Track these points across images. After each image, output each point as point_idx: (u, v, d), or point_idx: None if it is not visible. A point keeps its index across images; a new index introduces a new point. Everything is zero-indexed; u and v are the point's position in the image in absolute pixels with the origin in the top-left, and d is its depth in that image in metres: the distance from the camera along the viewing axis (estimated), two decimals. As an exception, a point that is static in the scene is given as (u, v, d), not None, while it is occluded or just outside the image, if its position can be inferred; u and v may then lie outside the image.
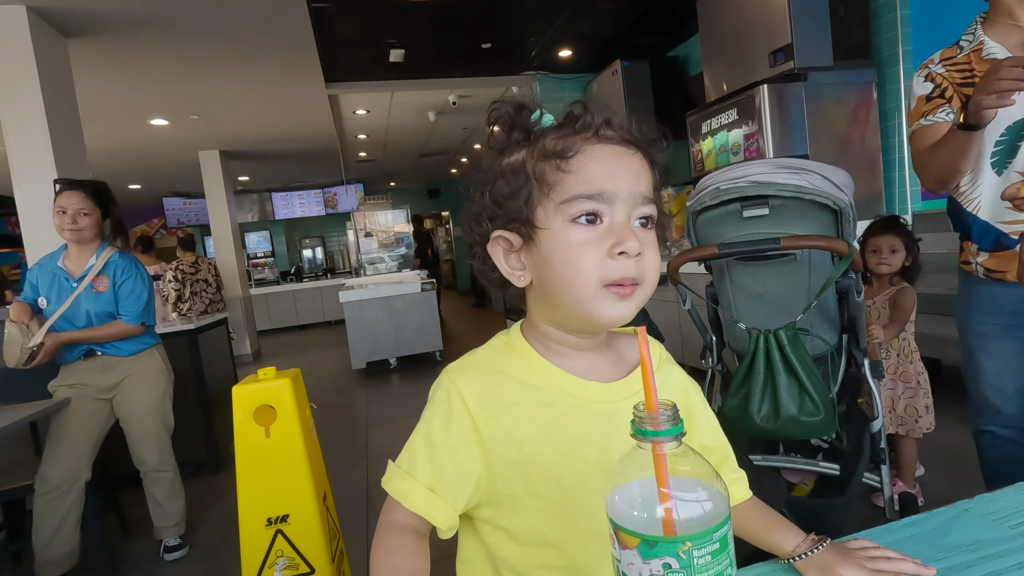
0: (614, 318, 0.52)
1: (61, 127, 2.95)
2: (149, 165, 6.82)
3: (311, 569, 1.20)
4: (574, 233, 0.51)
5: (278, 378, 1.23)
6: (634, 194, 0.51)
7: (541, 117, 0.56)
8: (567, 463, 0.54)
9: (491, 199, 0.55)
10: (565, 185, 0.51)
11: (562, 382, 0.56)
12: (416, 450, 0.56)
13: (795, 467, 1.72)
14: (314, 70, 4.24)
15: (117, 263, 2.04)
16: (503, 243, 0.56)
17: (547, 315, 0.56)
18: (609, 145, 0.53)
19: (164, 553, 2.15)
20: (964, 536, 0.57)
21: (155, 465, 2.12)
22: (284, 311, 9.07)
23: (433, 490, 0.54)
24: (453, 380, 0.56)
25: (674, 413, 0.37)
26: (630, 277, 0.50)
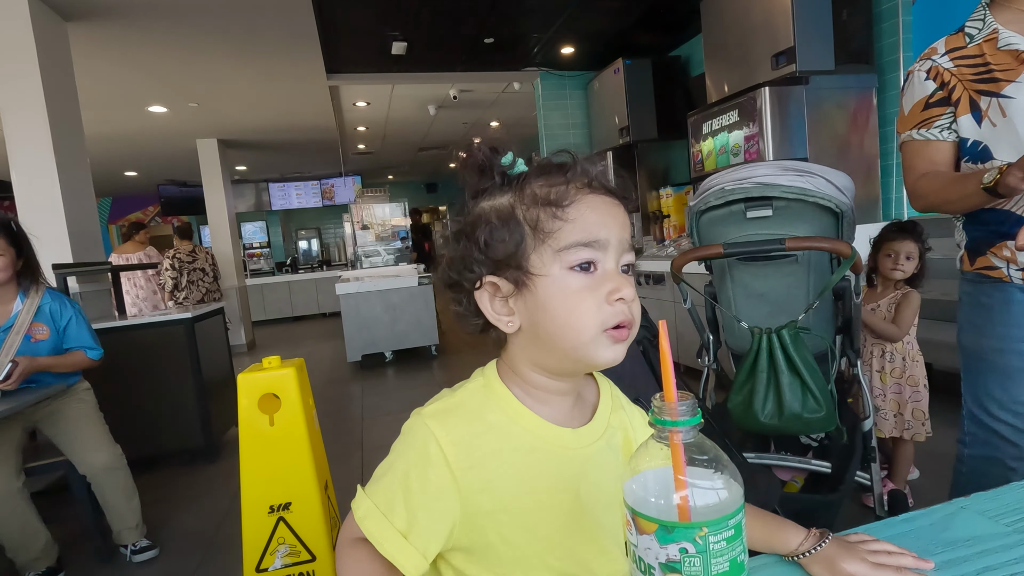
0: (610, 359, 0.54)
1: (60, 111, 2.93)
2: (146, 152, 6.78)
3: (312, 557, 1.20)
4: (573, 280, 0.52)
5: (283, 367, 1.24)
6: (622, 241, 0.54)
7: (514, 162, 0.57)
8: (543, 511, 0.56)
9: (480, 244, 0.55)
10: (563, 233, 0.52)
11: (540, 429, 0.57)
12: (392, 492, 0.55)
13: (787, 465, 1.74)
14: (315, 60, 4.23)
15: (51, 305, 1.96)
16: (490, 288, 0.56)
17: (534, 359, 0.57)
18: (601, 195, 0.55)
19: (132, 555, 2.02)
20: (961, 532, 0.58)
21: (107, 463, 1.98)
22: (279, 302, 9.04)
23: (406, 536, 0.53)
24: (431, 427, 0.55)
25: (692, 404, 0.38)
26: (628, 320, 0.53)
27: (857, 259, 1.40)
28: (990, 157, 1.11)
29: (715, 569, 0.36)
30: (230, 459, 2.96)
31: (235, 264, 6.58)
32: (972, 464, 1.23)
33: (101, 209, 9.90)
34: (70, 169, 2.98)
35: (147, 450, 2.87)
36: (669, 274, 3.54)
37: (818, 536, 0.56)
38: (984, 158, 1.12)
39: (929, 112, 1.17)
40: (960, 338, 1.25)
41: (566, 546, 0.57)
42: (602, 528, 0.58)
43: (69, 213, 2.92)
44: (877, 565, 0.53)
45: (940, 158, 1.18)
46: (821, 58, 2.93)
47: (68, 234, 2.90)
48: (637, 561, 0.38)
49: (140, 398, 2.82)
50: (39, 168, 2.86)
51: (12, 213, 2.17)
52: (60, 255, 2.86)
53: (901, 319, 1.84)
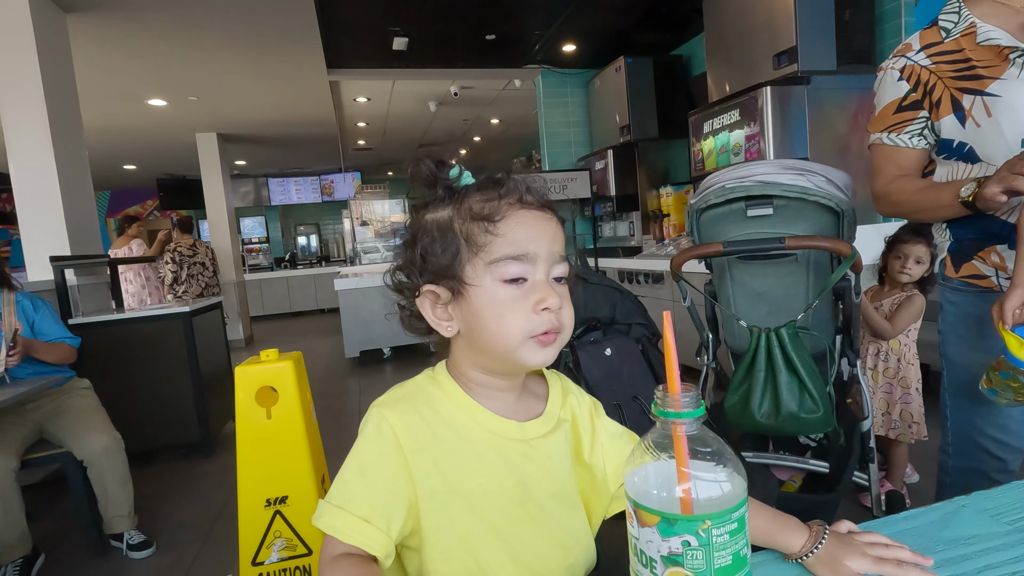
0: (539, 362, 0.58)
1: (59, 103, 2.92)
2: (145, 145, 6.76)
3: (308, 551, 1.20)
4: (502, 291, 0.56)
5: (281, 360, 1.23)
6: (552, 254, 0.58)
7: (460, 174, 0.60)
8: (488, 494, 0.59)
9: (419, 255, 0.59)
10: (494, 247, 0.56)
11: (483, 418, 0.61)
12: (347, 483, 0.58)
13: (785, 464, 1.75)
14: (316, 55, 4.21)
15: (23, 303, 2.08)
16: (431, 296, 0.60)
17: (473, 361, 0.61)
18: (531, 210, 0.58)
19: (129, 551, 1.99)
20: (962, 530, 0.58)
21: (107, 445, 1.97)
22: (277, 297, 9.03)
23: (368, 520, 0.56)
24: (383, 413, 0.59)
25: (695, 396, 0.38)
26: (553, 327, 0.57)
27: (857, 259, 1.39)
28: (977, 159, 1.05)
29: (718, 562, 0.36)
30: (226, 454, 2.96)
31: (234, 259, 6.56)
32: (956, 475, 1.21)
33: (100, 203, 9.87)
34: (69, 161, 2.96)
35: (143, 443, 2.86)
36: (668, 273, 3.54)
37: (816, 533, 0.56)
38: (971, 159, 1.06)
39: (902, 115, 1.12)
40: (945, 349, 1.20)
41: (512, 531, 0.60)
42: (549, 516, 0.61)
43: (67, 206, 2.91)
44: (878, 559, 0.53)
45: (909, 164, 1.14)
46: (823, 58, 2.92)
47: (66, 227, 2.89)
48: (639, 554, 0.38)
49: (137, 391, 2.81)
50: (37, 160, 2.84)
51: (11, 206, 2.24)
52: (58, 248, 2.85)
53: (898, 319, 1.84)
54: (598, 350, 1.80)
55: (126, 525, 2.01)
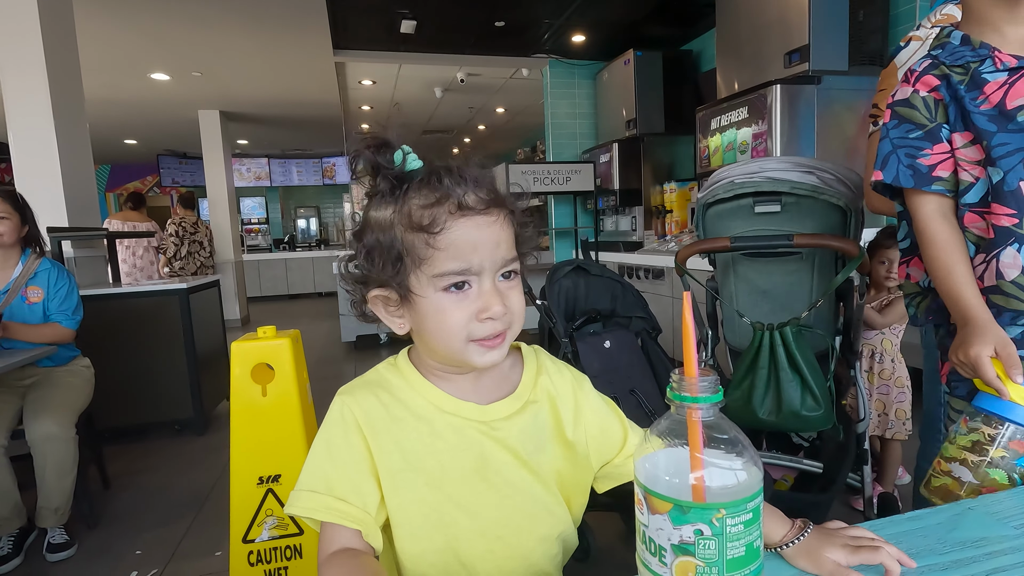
0: (486, 363, 0.58)
1: (60, 72, 2.88)
2: (147, 120, 6.70)
3: (300, 530, 1.19)
4: (444, 300, 0.56)
5: (278, 337, 1.22)
6: (496, 261, 0.57)
7: (405, 159, 0.56)
8: (448, 470, 0.60)
9: (366, 258, 0.58)
10: (435, 260, 0.55)
11: (440, 400, 0.61)
12: (318, 467, 0.59)
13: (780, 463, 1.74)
14: (323, 35, 4.16)
15: (50, 271, 2.03)
16: (381, 299, 0.60)
17: (428, 352, 0.62)
18: (472, 218, 0.56)
19: (47, 552, 1.82)
20: (970, 533, 0.57)
21: (50, 432, 1.82)
22: (275, 279, 9.00)
23: (344, 499, 0.57)
24: (345, 400, 0.61)
25: (713, 382, 0.36)
26: (497, 332, 0.57)
27: (864, 259, 1.38)
28: None
29: (730, 553, 0.34)
30: (219, 432, 2.95)
31: (232, 238, 6.53)
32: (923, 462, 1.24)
33: (100, 176, 9.79)
34: (69, 132, 2.93)
35: (137, 418, 2.86)
36: (669, 269, 3.53)
37: (799, 527, 0.55)
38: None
39: None
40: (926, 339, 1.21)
41: (477, 506, 0.60)
42: (515, 487, 0.61)
43: (66, 177, 2.88)
44: (857, 548, 0.52)
45: None
46: (835, 58, 2.90)
47: (65, 198, 2.86)
48: (647, 542, 0.37)
49: (131, 366, 2.80)
50: (38, 130, 2.81)
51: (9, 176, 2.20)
52: (56, 219, 2.82)
53: (891, 311, 1.86)
54: (597, 342, 1.79)
55: (51, 520, 1.85)
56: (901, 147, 0.95)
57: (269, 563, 1.19)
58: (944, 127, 0.92)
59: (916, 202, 0.95)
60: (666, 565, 0.35)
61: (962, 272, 0.95)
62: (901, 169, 0.94)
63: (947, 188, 0.93)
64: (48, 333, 1.99)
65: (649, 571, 0.37)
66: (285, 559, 1.19)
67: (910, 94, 0.94)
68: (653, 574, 0.36)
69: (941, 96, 0.92)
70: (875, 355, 1.92)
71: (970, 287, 0.95)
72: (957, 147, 0.91)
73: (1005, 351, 0.89)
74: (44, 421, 1.83)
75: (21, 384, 1.98)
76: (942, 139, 0.92)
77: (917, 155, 0.93)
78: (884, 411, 1.90)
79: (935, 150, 0.92)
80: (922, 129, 0.93)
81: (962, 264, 0.95)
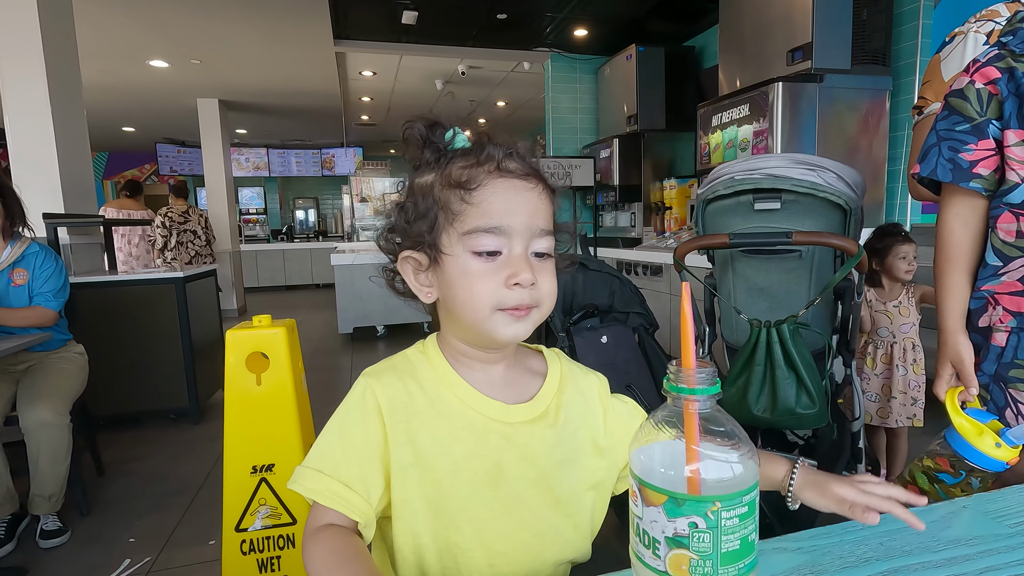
0: (509, 336, 0.56)
1: (57, 58, 2.85)
2: (145, 108, 6.66)
3: (293, 520, 1.19)
4: (474, 263, 0.54)
5: (273, 326, 1.21)
6: (531, 227, 0.55)
7: (454, 137, 0.58)
8: (460, 473, 0.57)
9: (402, 219, 0.58)
10: (467, 216, 0.54)
11: (466, 395, 0.59)
12: (328, 447, 0.57)
13: (775, 462, 1.74)
14: (323, 25, 4.13)
15: (37, 254, 2.01)
16: (412, 262, 0.59)
17: (453, 330, 0.60)
18: (510, 179, 0.56)
19: (40, 539, 1.83)
20: (964, 531, 0.57)
21: (45, 419, 1.81)
22: (273, 270, 8.98)
23: (348, 485, 0.55)
24: (369, 382, 0.59)
25: (711, 373, 0.36)
26: (524, 304, 0.55)
27: (863, 258, 1.38)
28: None
29: (725, 547, 0.34)
30: (214, 422, 2.94)
31: (230, 228, 6.50)
32: None
33: (97, 164, 9.74)
34: (66, 118, 2.90)
35: (132, 406, 2.85)
36: (667, 265, 3.52)
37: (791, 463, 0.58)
38: None
39: None
40: None
41: (482, 515, 0.58)
42: (525, 504, 0.59)
43: (63, 163, 2.86)
44: (865, 491, 0.53)
45: None
46: (837, 56, 2.89)
47: (61, 185, 2.84)
48: (641, 535, 0.36)
49: (127, 354, 2.79)
50: (34, 116, 2.78)
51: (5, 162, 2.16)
52: (52, 205, 2.80)
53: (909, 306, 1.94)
54: (594, 337, 1.79)
55: (44, 508, 1.85)
56: (946, 140, 0.93)
57: (262, 552, 1.18)
58: (993, 123, 0.89)
59: (948, 199, 0.95)
60: (660, 558, 0.35)
61: (955, 282, 0.96)
62: (941, 162, 0.92)
63: (985, 187, 0.91)
64: (30, 316, 1.96)
65: (643, 564, 0.36)
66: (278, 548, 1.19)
67: (965, 84, 0.91)
68: (647, 567, 0.36)
69: (998, 90, 0.88)
70: (876, 341, 1.96)
71: (954, 297, 0.96)
72: (1009, 144, 0.88)
73: (960, 367, 0.91)
74: (38, 408, 1.82)
75: (14, 370, 1.97)
76: (988, 135, 0.90)
77: (960, 149, 0.91)
78: (889, 395, 1.92)
79: (980, 146, 0.90)
80: (970, 122, 0.90)
81: (958, 274, 0.96)
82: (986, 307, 0.95)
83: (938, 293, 0.99)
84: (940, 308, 0.99)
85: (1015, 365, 0.92)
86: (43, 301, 1.98)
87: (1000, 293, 0.93)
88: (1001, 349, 0.93)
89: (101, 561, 1.75)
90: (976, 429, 0.81)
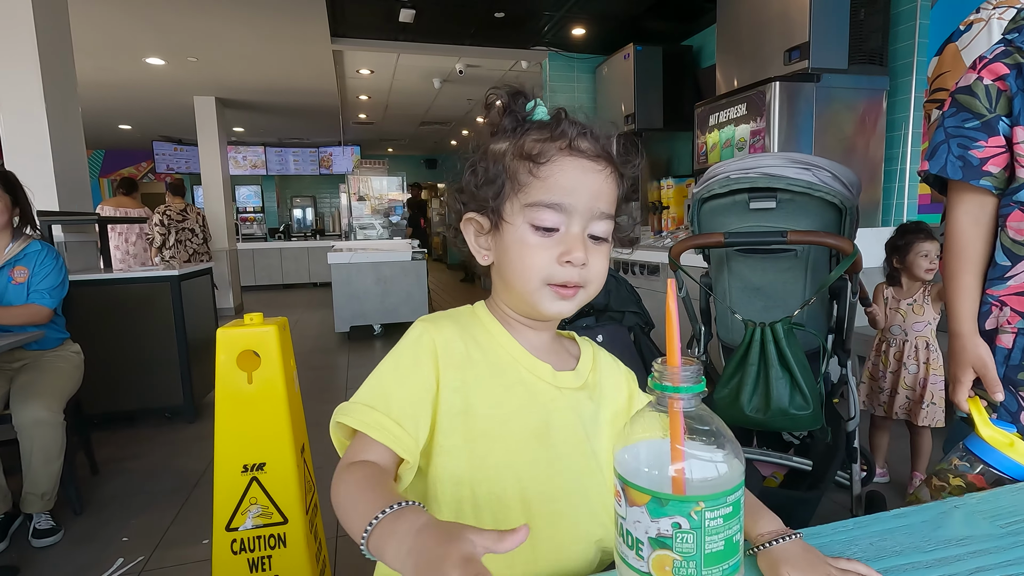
0: (555, 312, 0.58)
1: (52, 54, 2.84)
2: (142, 105, 6.64)
3: (284, 519, 1.18)
4: (531, 235, 0.56)
5: (264, 324, 1.20)
6: (591, 209, 0.56)
7: (535, 108, 0.59)
8: (509, 425, 0.58)
9: (472, 182, 0.59)
10: (532, 189, 0.55)
11: (517, 353, 0.61)
12: (381, 384, 0.57)
13: (769, 460, 1.74)
14: (320, 22, 4.12)
15: (39, 252, 2.01)
16: (474, 224, 0.61)
17: (504, 295, 0.62)
18: (579, 159, 0.56)
19: (33, 538, 1.81)
20: (954, 531, 0.56)
21: (39, 417, 1.80)
22: (270, 268, 8.96)
23: (399, 423, 0.54)
24: (426, 326, 0.60)
25: (696, 371, 0.35)
26: (573, 282, 0.56)
27: (857, 258, 1.37)
28: None
29: (709, 547, 0.33)
30: (209, 420, 2.91)
31: (227, 227, 6.49)
32: None
33: (93, 162, 9.71)
34: (61, 115, 2.89)
35: (127, 405, 2.84)
36: (664, 265, 3.52)
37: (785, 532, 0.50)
38: None
39: None
40: None
41: (527, 470, 0.57)
42: (568, 467, 0.59)
43: (57, 161, 2.85)
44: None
45: None
46: (835, 56, 2.88)
47: (55, 182, 2.83)
48: (624, 535, 0.36)
49: (122, 352, 2.78)
50: (28, 112, 2.77)
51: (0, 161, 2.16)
52: (46, 203, 2.79)
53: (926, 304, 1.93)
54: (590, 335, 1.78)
55: (37, 506, 1.84)
56: (954, 137, 0.92)
57: (252, 551, 1.18)
58: (1003, 120, 0.88)
59: (957, 197, 0.93)
60: (643, 559, 0.34)
61: (967, 283, 0.94)
62: (950, 160, 0.91)
63: (995, 184, 0.90)
64: (24, 313, 1.94)
65: (626, 564, 0.36)
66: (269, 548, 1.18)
67: (973, 81, 0.90)
68: (630, 567, 0.36)
69: (1007, 86, 0.87)
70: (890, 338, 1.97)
71: (966, 299, 0.94)
72: (1018, 141, 0.87)
73: (983, 372, 0.89)
74: (32, 406, 1.81)
75: (9, 368, 1.96)
76: (999, 132, 0.89)
77: (970, 146, 0.90)
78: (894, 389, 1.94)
79: (990, 142, 0.89)
80: (979, 119, 0.89)
81: (970, 275, 0.94)
82: (991, 309, 0.94)
83: (949, 295, 0.96)
84: (953, 311, 0.96)
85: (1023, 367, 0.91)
86: (38, 298, 1.97)
87: (1007, 296, 0.92)
88: (1008, 351, 0.92)
89: (94, 560, 1.74)
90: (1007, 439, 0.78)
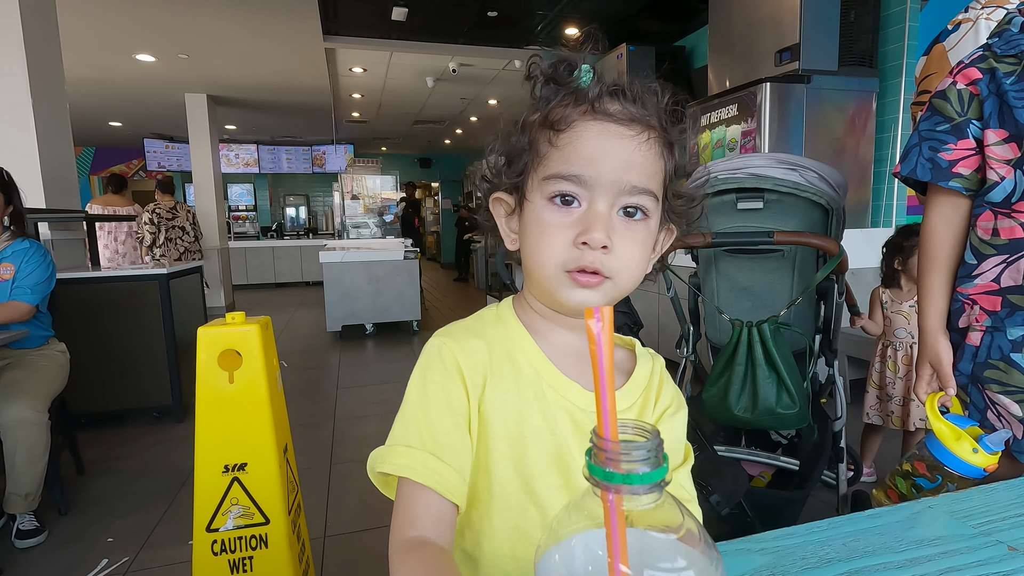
0: (575, 303, 0.49)
1: (38, 49, 2.81)
2: (132, 102, 6.59)
3: (266, 520, 1.18)
4: (547, 213, 0.49)
5: (246, 324, 1.20)
6: (619, 182, 0.47)
7: (581, 76, 0.50)
8: (528, 446, 0.52)
9: (499, 150, 0.54)
10: (549, 160, 0.49)
11: (541, 365, 0.53)
12: (411, 419, 0.50)
13: (756, 460, 1.75)
14: (312, 20, 4.10)
15: (27, 250, 1.98)
16: (504, 205, 0.54)
17: (529, 285, 0.55)
18: (604, 123, 0.48)
19: (16, 539, 1.79)
20: (927, 531, 0.57)
21: (23, 416, 1.79)
22: (262, 267, 8.92)
23: (440, 457, 0.48)
24: (444, 341, 0.53)
25: (653, 446, 0.24)
26: (590, 268, 0.47)
27: (843, 258, 1.38)
28: None
29: None
30: (199, 420, 2.92)
31: (219, 225, 6.45)
32: None
33: (84, 159, 9.63)
34: (47, 111, 2.86)
35: (115, 404, 2.82)
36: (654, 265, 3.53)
37: None
38: None
39: None
40: None
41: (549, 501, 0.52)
42: None
43: (44, 157, 2.82)
44: None
45: None
46: (825, 58, 2.90)
47: (42, 179, 2.80)
48: None
49: (110, 351, 2.75)
50: (14, 108, 2.74)
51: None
52: (32, 200, 2.76)
53: None
54: (578, 336, 1.79)
55: (21, 507, 1.82)
56: (927, 140, 0.94)
57: (233, 552, 1.17)
58: (973, 123, 0.90)
59: (931, 199, 0.96)
60: None
61: (934, 282, 0.98)
62: (920, 162, 0.94)
63: (965, 186, 0.92)
64: (4, 311, 1.90)
65: None
66: (250, 549, 1.18)
67: (948, 85, 0.93)
68: None
69: (979, 91, 0.89)
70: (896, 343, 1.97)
71: (935, 297, 0.98)
72: (988, 144, 0.89)
73: (938, 367, 0.92)
74: (16, 405, 1.79)
75: None
76: (968, 135, 0.90)
77: (940, 148, 0.92)
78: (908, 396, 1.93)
79: (959, 145, 0.91)
80: (950, 122, 0.92)
81: (938, 274, 0.97)
82: (963, 307, 0.96)
83: (919, 293, 1.01)
84: (920, 308, 1.01)
85: (989, 365, 0.93)
86: (19, 295, 1.94)
87: (976, 294, 0.94)
88: (976, 349, 0.94)
89: (78, 561, 1.72)
90: (954, 434, 0.81)
